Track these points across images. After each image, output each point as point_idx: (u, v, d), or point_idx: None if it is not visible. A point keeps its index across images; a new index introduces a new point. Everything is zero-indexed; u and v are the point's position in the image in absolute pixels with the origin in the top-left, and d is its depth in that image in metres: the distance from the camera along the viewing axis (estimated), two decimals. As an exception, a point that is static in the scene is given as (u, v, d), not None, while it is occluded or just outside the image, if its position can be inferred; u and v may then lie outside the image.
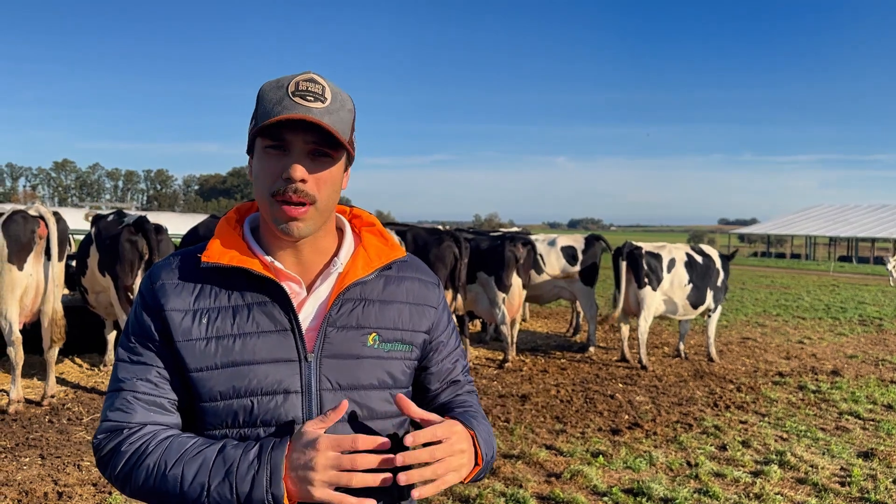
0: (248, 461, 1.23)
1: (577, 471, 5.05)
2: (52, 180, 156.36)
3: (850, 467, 5.34)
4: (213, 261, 1.35)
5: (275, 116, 1.27)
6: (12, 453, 5.25)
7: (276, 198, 1.30)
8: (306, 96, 1.29)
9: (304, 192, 1.30)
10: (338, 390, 1.36)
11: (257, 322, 1.34)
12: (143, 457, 1.28)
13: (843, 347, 11.09)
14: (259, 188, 1.33)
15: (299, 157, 1.30)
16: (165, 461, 1.26)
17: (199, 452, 1.26)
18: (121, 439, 1.31)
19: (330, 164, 1.34)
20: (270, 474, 1.21)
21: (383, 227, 1.53)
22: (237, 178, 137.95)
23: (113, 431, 1.32)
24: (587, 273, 10.05)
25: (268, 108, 1.30)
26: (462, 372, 1.59)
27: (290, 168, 1.29)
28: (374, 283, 1.44)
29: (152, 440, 1.30)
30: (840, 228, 53.60)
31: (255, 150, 1.34)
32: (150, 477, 1.26)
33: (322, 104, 1.30)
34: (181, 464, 1.25)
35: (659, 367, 9.14)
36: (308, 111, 1.28)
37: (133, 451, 1.29)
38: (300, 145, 1.30)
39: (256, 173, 1.34)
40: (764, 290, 21.89)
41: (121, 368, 1.36)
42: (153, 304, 1.36)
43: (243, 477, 1.22)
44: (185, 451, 1.27)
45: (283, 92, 1.30)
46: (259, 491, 1.20)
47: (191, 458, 1.26)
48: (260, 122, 1.29)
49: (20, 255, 6.25)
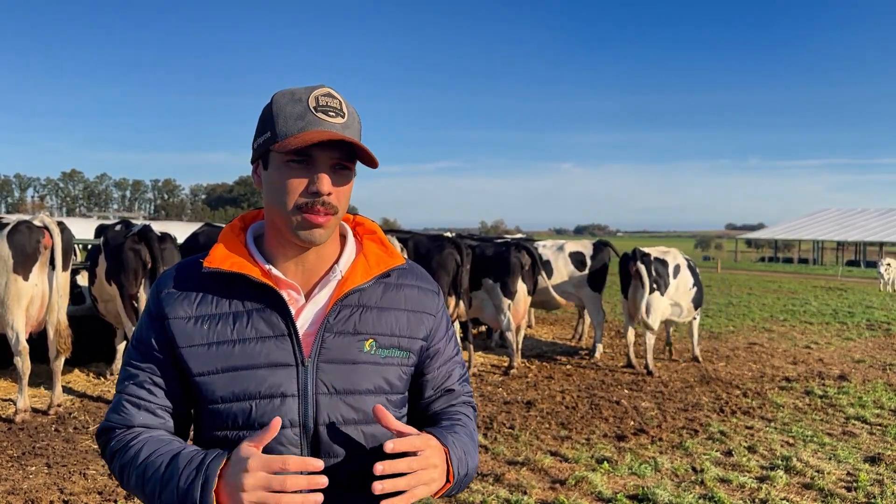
0: (192, 467, 1.28)
1: (582, 477, 5.03)
2: (61, 190, 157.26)
3: (856, 472, 5.31)
4: (214, 266, 1.39)
5: (301, 131, 1.32)
6: (19, 462, 5.27)
7: (302, 210, 1.34)
8: (328, 112, 1.34)
9: (330, 203, 1.35)
10: (333, 394, 1.38)
11: (256, 328, 1.38)
12: (123, 452, 1.38)
13: (851, 352, 11.03)
14: (278, 200, 1.36)
15: (324, 170, 1.34)
16: (137, 457, 1.35)
17: (164, 453, 1.34)
18: (113, 436, 1.42)
19: (350, 176, 1.40)
20: (203, 484, 1.24)
21: (384, 234, 1.56)
22: (244, 187, 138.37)
23: (107, 430, 1.44)
24: (595, 278, 10.06)
25: (289, 121, 1.33)
26: (459, 381, 1.59)
27: (317, 182, 1.33)
28: (372, 290, 1.46)
29: (135, 438, 1.38)
30: (848, 233, 53.36)
31: (273, 161, 1.37)
32: (124, 470, 1.37)
33: (342, 119, 1.35)
34: (146, 462, 1.33)
35: (665, 372, 9.11)
36: (332, 127, 1.33)
37: (118, 448, 1.39)
38: (325, 160, 1.34)
39: (276, 185, 1.36)
40: (771, 294, 21.81)
41: (124, 374, 1.45)
42: (158, 313, 1.42)
43: (185, 481, 1.26)
44: (153, 451, 1.35)
45: (303, 107, 1.34)
46: (192, 498, 1.24)
47: (155, 458, 1.33)
48: (282, 136, 1.33)
49: (26, 265, 6.28)
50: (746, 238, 69.94)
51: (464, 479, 1.42)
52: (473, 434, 1.52)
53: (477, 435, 1.56)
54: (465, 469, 1.41)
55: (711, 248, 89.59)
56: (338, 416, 1.38)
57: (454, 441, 1.41)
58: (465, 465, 1.41)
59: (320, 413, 1.37)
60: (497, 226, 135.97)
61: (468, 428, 1.52)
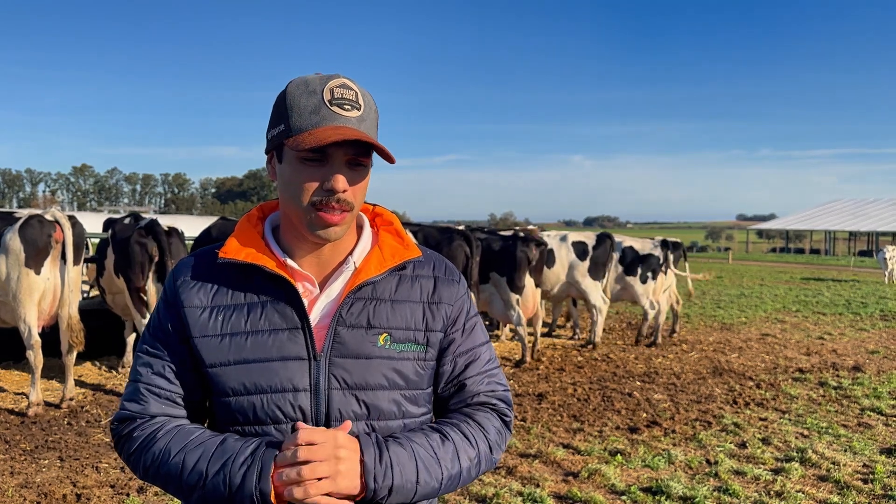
0: (244, 455, 1.26)
1: (595, 470, 5.00)
2: (71, 185, 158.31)
3: (872, 464, 5.25)
4: (229, 256, 1.38)
5: (315, 126, 1.29)
6: (31, 455, 5.29)
7: (317, 207, 1.32)
8: (343, 105, 1.31)
9: (346, 200, 1.32)
10: (346, 389, 1.36)
11: (269, 320, 1.36)
12: (151, 443, 1.33)
13: (865, 343, 10.95)
14: (293, 196, 1.33)
15: (339, 168, 1.32)
16: (170, 448, 1.31)
17: (201, 443, 1.31)
18: (133, 426, 1.37)
19: (365, 172, 1.37)
20: (261, 471, 1.23)
21: (402, 226, 1.52)
22: (254, 181, 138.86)
23: (126, 420, 1.39)
24: (597, 268, 10.03)
25: (304, 115, 1.30)
26: (478, 376, 1.47)
27: (332, 180, 1.30)
28: (386, 283, 1.43)
29: (161, 429, 1.35)
30: (860, 223, 53.02)
31: (287, 156, 1.34)
32: (155, 462, 1.32)
33: (358, 112, 1.32)
34: (184, 452, 1.30)
35: (677, 364, 9.07)
36: (348, 122, 1.30)
37: (144, 438, 1.35)
38: (340, 157, 1.32)
39: (289, 180, 1.34)
40: (783, 285, 21.69)
41: (139, 361, 1.41)
42: (174, 301, 1.40)
43: (237, 470, 1.24)
44: (189, 441, 1.32)
45: (317, 99, 1.31)
46: (249, 485, 1.22)
47: (193, 448, 1.31)
48: (296, 130, 1.30)
49: (37, 259, 6.30)
50: (757, 229, 69.64)
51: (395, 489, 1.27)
52: (468, 438, 1.39)
53: (480, 440, 1.41)
54: (391, 482, 1.26)
55: (722, 238, 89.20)
56: (349, 411, 1.35)
57: (393, 448, 1.29)
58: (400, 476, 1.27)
59: (332, 408, 1.35)
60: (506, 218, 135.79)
61: (455, 432, 1.39)
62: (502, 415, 1.49)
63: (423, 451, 1.33)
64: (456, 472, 1.35)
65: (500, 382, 1.52)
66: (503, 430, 1.48)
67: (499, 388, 1.51)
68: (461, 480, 1.37)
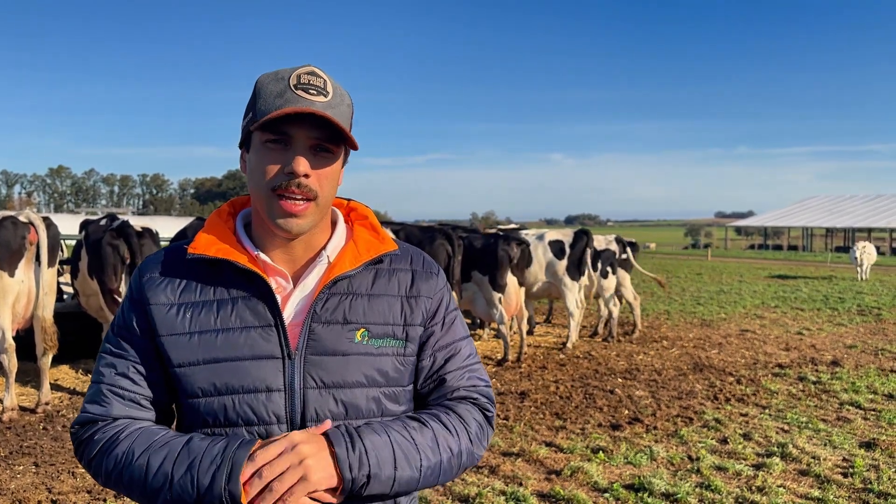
0: (211, 455, 1.20)
1: (578, 467, 5.00)
2: (48, 187, 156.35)
3: (852, 458, 5.29)
4: (198, 252, 1.33)
5: (277, 109, 1.24)
6: (6, 461, 5.19)
7: (277, 192, 1.27)
8: (309, 90, 1.27)
9: (308, 186, 1.28)
10: (322, 388, 1.31)
11: (241, 317, 1.31)
12: (113, 446, 1.27)
13: (843, 338, 11.06)
14: (256, 182, 1.30)
15: (302, 151, 1.27)
16: (133, 450, 1.25)
17: (166, 443, 1.25)
18: (95, 429, 1.31)
19: (331, 160, 1.32)
20: (230, 471, 1.17)
21: (378, 221, 1.48)
22: (233, 181, 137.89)
23: (88, 423, 1.33)
24: (574, 267, 10.01)
25: (268, 100, 1.27)
26: (458, 371, 1.44)
27: (293, 162, 1.26)
28: (362, 277, 1.39)
29: (123, 431, 1.29)
30: (837, 219, 53.68)
31: (253, 143, 1.31)
32: (118, 465, 1.26)
33: (325, 98, 1.28)
34: (148, 453, 1.24)
35: (658, 361, 9.10)
36: (311, 105, 1.25)
37: (105, 440, 1.29)
38: (303, 140, 1.28)
39: (254, 167, 1.31)
40: (762, 282, 21.88)
41: (102, 362, 1.36)
42: (139, 299, 1.35)
43: (205, 471, 1.19)
44: (153, 441, 1.26)
45: (284, 84, 1.27)
46: (217, 486, 1.17)
47: (157, 449, 1.25)
48: (260, 115, 1.26)
49: (11, 261, 6.18)
50: (736, 226, 70.29)
51: (374, 479, 1.22)
52: (448, 428, 1.35)
53: (460, 431, 1.37)
54: (377, 466, 1.22)
55: (701, 236, 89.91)
56: (326, 411, 1.31)
57: (367, 436, 1.25)
58: (377, 462, 1.23)
59: (308, 408, 1.30)
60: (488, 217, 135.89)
61: (434, 421, 1.35)
62: (484, 409, 1.45)
63: (400, 436, 1.28)
64: (436, 463, 1.30)
65: (482, 378, 1.48)
66: (485, 425, 1.43)
67: (480, 384, 1.47)
68: (442, 472, 1.32)
